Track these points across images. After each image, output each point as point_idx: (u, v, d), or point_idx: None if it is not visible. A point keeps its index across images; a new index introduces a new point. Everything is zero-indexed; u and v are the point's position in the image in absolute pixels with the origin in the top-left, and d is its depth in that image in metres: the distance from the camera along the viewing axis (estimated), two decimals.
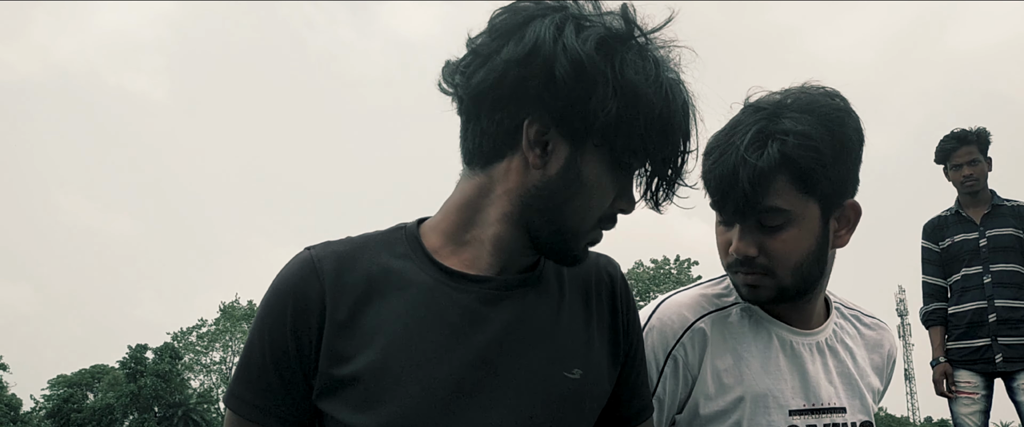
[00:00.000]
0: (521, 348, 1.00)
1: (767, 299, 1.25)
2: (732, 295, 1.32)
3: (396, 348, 0.96)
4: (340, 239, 1.05)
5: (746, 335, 1.29)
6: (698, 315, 1.29)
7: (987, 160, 4.09)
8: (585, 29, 0.93)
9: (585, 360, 1.04)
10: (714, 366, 1.26)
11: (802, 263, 1.21)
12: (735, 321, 1.30)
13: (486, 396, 0.96)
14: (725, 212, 1.22)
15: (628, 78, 0.92)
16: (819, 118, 1.16)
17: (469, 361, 0.97)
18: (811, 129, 1.15)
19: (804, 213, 1.18)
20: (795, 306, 1.29)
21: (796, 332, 1.31)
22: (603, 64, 0.92)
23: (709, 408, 1.25)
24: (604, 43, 0.93)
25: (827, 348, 1.33)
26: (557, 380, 1.01)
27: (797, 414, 1.26)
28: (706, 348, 1.27)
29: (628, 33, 0.95)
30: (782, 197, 1.16)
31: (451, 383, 0.96)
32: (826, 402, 1.29)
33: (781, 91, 1.22)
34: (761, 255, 1.20)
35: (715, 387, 1.25)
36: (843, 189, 1.21)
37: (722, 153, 1.18)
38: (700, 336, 1.27)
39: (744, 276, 1.24)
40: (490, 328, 0.99)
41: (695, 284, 1.37)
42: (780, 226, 1.18)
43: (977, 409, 4.03)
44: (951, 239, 4.16)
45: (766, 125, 1.16)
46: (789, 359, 1.29)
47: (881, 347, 1.41)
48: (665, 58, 0.99)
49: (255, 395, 1.00)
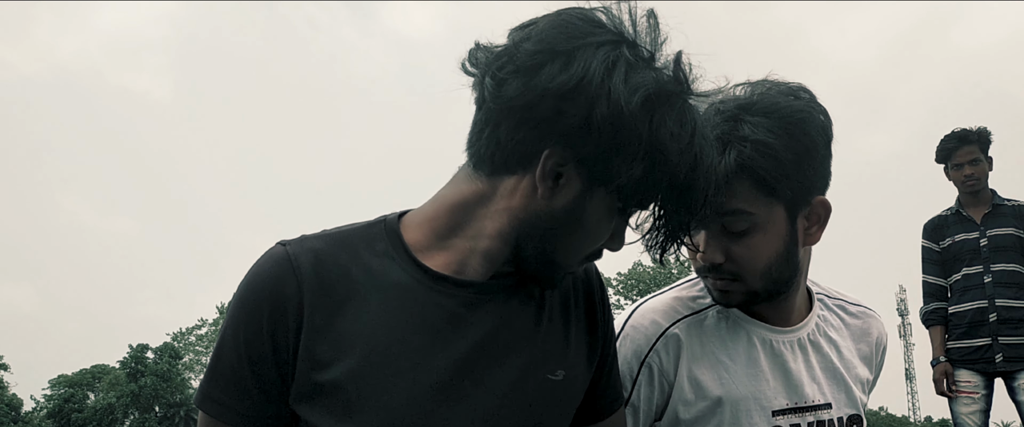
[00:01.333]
0: (504, 353, 0.98)
1: (738, 303, 1.24)
2: (708, 297, 1.30)
3: (377, 355, 0.93)
4: (316, 234, 1.01)
5: (723, 338, 1.27)
6: (672, 320, 1.27)
7: (988, 160, 4.09)
8: (635, 76, 0.89)
9: (566, 360, 1.04)
10: (690, 371, 1.24)
11: (771, 266, 1.19)
12: (712, 324, 1.28)
13: (470, 403, 0.95)
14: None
15: (661, 141, 0.89)
16: (779, 121, 1.13)
17: (452, 367, 0.95)
18: (769, 135, 1.12)
19: (769, 216, 1.16)
20: (773, 304, 1.28)
21: (776, 330, 1.29)
22: (642, 122, 0.88)
23: (688, 414, 1.24)
24: (649, 100, 0.89)
25: (809, 343, 1.31)
26: (540, 382, 1.00)
27: (780, 414, 1.25)
28: (681, 354, 1.25)
29: (676, 91, 0.91)
30: (745, 200, 1.14)
31: (434, 390, 0.94)
32: (810, 400, 1.28)
33: (745, 87, 1.19)
34: (728, 261, 1.18)
35: (693, 393, 1.24)
36: (809, 188, 1.18)
37: None
38: (674, 342, 1.25)
39: (714, 281, 1.23)
40: (473, 333, 0.97)
41: (671, 287, 1.35)
42: (745, 231, 1.16)
43: (977, 409, 4.03)
44: (952, 239, 4.15)
45: (725, 131, 1.14)
46: (770, 359, 1.27)
47: (868, 335, 1.39)
48: (703, 117, 0.98)
49: (230, 397, 0.96)
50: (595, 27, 0.91)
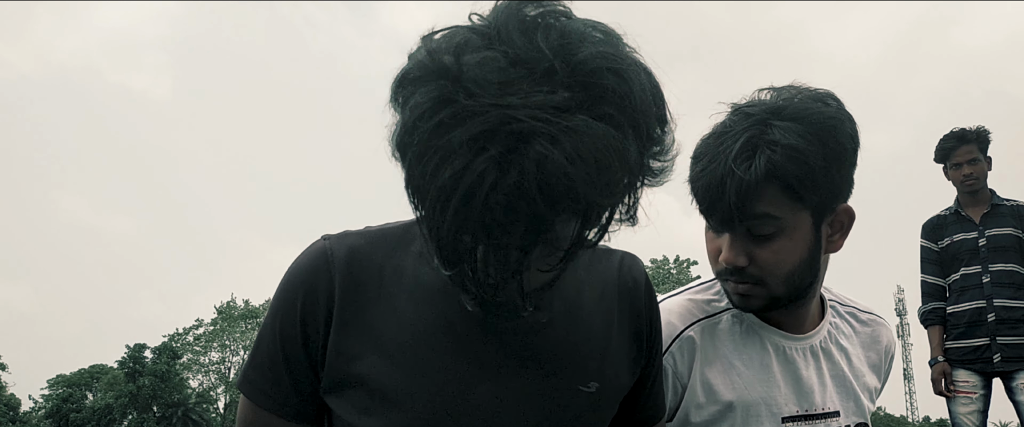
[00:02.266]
0: (534, 361, 0.96)
1: (758, 308, 1.23)
2: (723, 300, 1.29)
3: (402, 354, 0.94)
4: (358, 230, 1.02)
5: (737, 342, 1.27)
6: (687, 323, 1.26)
7: (987, 159, 4.10)
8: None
9: (601, 372, 1.00)
10: (703, 375, 1.24)
11: (794, 272, 1.18)
12: (726, 328, 1.28)
13: (493, 409, 0.94)
14: (713, 221, 1.19)
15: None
16: (809, 126, 1.12)
17: (477, 372, 0.95)
18: (800, 140, 1.11)
19: (795, 221, 1.15)
20: (788, 311, 1.27)
21: (789, 337, 1.29)
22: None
23: (699, 417, 1.23)
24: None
25: (821, 351, 1.31)
26: (572, 394, 0.97)
27: (790, 421, 1.25)
28: (695, 356, 1.24)
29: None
30: (772, 205, 1.13)
31: (457, 394, 0.94)
32: (819, 407, 1.28)
33: (771, 91, 1.18)
34: (752, 265, 1.17)
35: (705, 396, 1.24)
36: (835, 195, 1.17)
37: (710, 161, 1.14)
38: (689, 344, 1.25)
39: (735, 285, 1.21)
40: (502, 340, 0.96)
41: (685, 288, 1.35)
42: (771, 235, 1.15)
43: (975, 409, 4.03)
44: (950, 238, 4.15)
45: (755, 134, 1.12)
46: (782, 365, 1.27)
47: (878, 343, 1.39)
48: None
49: (266, 382, 0.99)
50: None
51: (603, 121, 0.72)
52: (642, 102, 0.75)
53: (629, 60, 0.77)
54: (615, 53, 0.76)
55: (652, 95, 0.77)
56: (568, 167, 0.70)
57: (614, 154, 0.73)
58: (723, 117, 1.19)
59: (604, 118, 0.73)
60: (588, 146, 0.71)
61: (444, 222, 0.73)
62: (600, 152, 0.72)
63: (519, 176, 0.70)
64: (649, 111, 0.76)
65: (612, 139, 0.73)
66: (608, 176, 0.73)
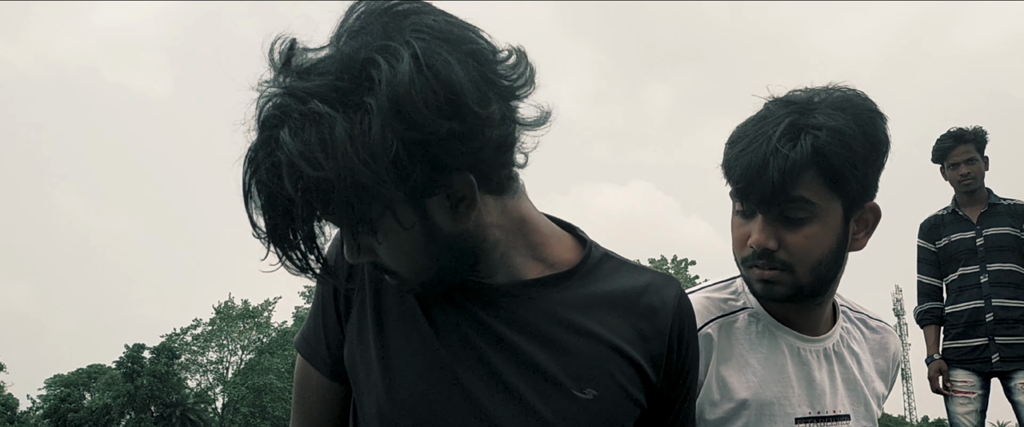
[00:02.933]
0: (524, 359, 0.95)
1: (782, 296, 1.22)
2: (740, 299, 1.30)
3: (392, 339, 0.98)
4: None
5: (753, 341, 1.28)
6: (705, 320, 1.27)
7: (984, 159, 4.10)
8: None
9: (600, 381, 0.97)
10: (719, 372, 1.25)
11: (821, 261, 1.19)
12: (742, 327, 1.28)
13: (479, 405, 0.94)
14: (749, 201, 1.18)
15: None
16: (853, 116, 1.14)
17: (462, 366, 0.95)
18: (845, 126, 1.13)
19: (828, 210, 1.16)
20: (805, 310, 1.28)
21: (804, 339, 1.29)
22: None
23: (713, 414, 1.24)
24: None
25: (834, 354, 1.32)
26: (565, 398, 0.95)
27: (802, 422, 1.26)
28: (712, 354, 1.25)
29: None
30: (810, 189, 1.14)
31: (443, 386, 0.94)
32: (831, 410, 1.29)
33: (805, 91, 1.20)
34: (781, 250, 1.18)
35: (720, 393, 1.25)
36: (867, 190, 1.19)
37: (751, 142, 1.15)
38: (706, 342, 1.25)
39: (760, 271, 1.21)
40: (491, 334, 0.96)
41: (702, 286, 1.35)
42: (803, 220, 1.16)
43: (973, 409, 4.03)
44: (948, 238, 4.16)
45: (798, 118, 1.14)
46: (796, 366, 1.28)
47: (886, 350, 1.40)
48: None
49: (308, 330, 1.06)
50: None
51: (352, 110, 0.77)
52: (405, 93, 0.77)
53: (397, 51, 0.78)
54: (384, 44, 0.79)
55: (428, 86, 0.78)
56: (296, 156, 0.76)
57: (353, 142, 0.76)
58: (753, 110, 1.21)
59: (353, 107, 0.77)
60: (320, 134, 0.76)
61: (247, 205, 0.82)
62: (327, 141, 0.76)
63: (267, 164, 0.79)
64: (416, 100, 0.77)
65: (354, 127, 0.77)
66: (345, 163, 0.76)
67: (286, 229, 0.82)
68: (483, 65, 0.83)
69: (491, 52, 0.85)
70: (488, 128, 0.82)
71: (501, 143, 0.86)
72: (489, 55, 0.84)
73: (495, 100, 0.83)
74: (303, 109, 0.78)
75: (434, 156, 0.81)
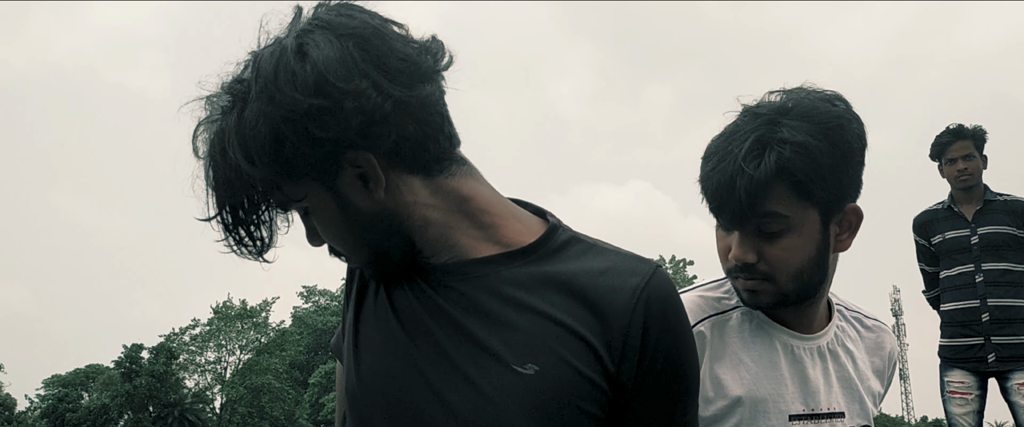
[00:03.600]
0: (470, 336, 0.95)
1: (768, 305, 1.25)
2: (733, 298, 1.31)
3: (366, 328, 1.03)
4: None
5: (746, 339, 1.29)
6: (698, 318, 1.28)
7: (983, 157, 4.08)
8: None
9: (542, 357, 0.93)
10: (713, 370, 1.26)
11: (803, 269, 1.21)
12: (736, 325, 1.30)
13: (431, 381, 0.96)
14: (722, 219, 1.22)
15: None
16: (818, 125, 1.15)
17: (417, 346, 0.98)
18: (809, 138, 1.14)
19: (803, 219, 1.18)
20: (797, 310, 1.29)
21: (797, 337, 1.30)
22: None
23: (707, 411, 1.25)
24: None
25: (828, 352, 1.33)
26: (505, 373, 0.93)
27: (796, 419, 1.27)
28: (705, 351, 1.26)
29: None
30: (781, 204, 1.16)
31: (401, 365, 0.98)
32: (825, 407, 1.30)
33: (780, 93, 1.21)
34: (761, 262, 1.20)
35: (714, 390, 1.25)
36: (843, 195, 1.20)
37: (720, 160, 1.17)
38: (699, 340, 1.26)
39: (744, 282, 1.24)
40: (440, 313, 0.98)
41: (696, 286, 1.36)
42: (779, 233, 1.18)
43: (971, 409, 4.03)
44: (942, 236, 4.13)
45: (764, 133, 1.15)
46: (790, 364, 1.29)
47: (882, 349, 1.41)
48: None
49: (338, 331, 1.13)
50: None
51: (240, 104, 0.92)
52: (271, 77, 0.89)
53: (281, 42, 0.91)
54: (276, 39, 0.93)
55: (292, 68, 0.88)
56: (207, 156, 0.97)
57: (236, 131, 0.91)
58: (734, 118, 1.22)
59: (240, 101, 0.92)
60: (218, 133, 0.95)
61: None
62: (218, 138, 0.95)
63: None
64: (281, 82, 0.88)
65: (235, 118, 0.91)
66: (231, 152, 0.93)
67: (220, 212, 0.99)
68: (365, 46, 0.89)
69: (382, 36, 0.91)
70: (355, 101, 0.87)
71: (383, 119, 0.89)
72: (376, 40, 0.90)
73: (370, 76, 0.88)
74: (214, 116, 0.96)
75: (308, 132, 0.88)
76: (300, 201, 0.95)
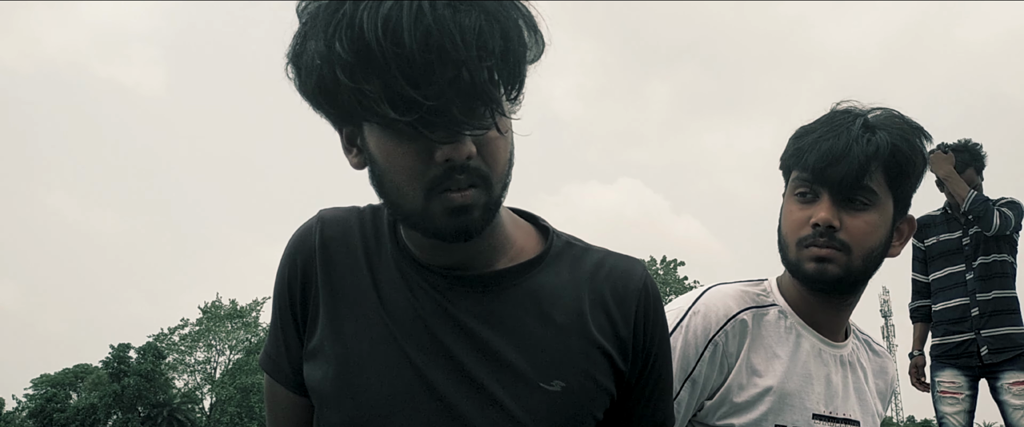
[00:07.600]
0: (495, 356, 0.93)
1: (832, 277, 1.28)
2: (770, 297, 1.38)
3: (358, 340, 0.95)
4: (361, 206, 1.05)
5: (780, 335, 1.35)
6: (742, 307, 1.34)
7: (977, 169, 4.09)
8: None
9: (568, 372, 0.94)
10: (750, 358, 1.32)
11: (874, 250, 1.28)
12: (772, 320, 1.36)
13: (447, 402, 0.92)
14: (825, 183, 1.26)
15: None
16: (909, 129, 1.28)
17: (437, 364, 0.93)
18: (906, 135, 1.27)
19: (885, 205, 1.28)
20: (832, 310, 1.35)
21: (826, 342, 1.37)
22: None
23: (739, 397, 1.30)
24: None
25: (848, 363, 1.40)
26: (534, 392, 0.93)
27: (818, 419, 1.33)
28: (746, 339, 1.32)
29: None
30: (875, 182, 1.26)
31: (407, 381, 0.93)
32: (844, 414, 1.36)
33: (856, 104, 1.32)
34: (842, 230, 1.26)
35: (748, 378, 1.31)
36: (910, 199, 1.32)
37: (830, 131, 1.27)
38: (742, 327, 1.32)
39: (818, 250, 1.27)
40: (455, 326, 0.94)
41: (736, 281, 1.42)
42: (866, 206, 1.26)
43: (961, 409, 4.05)
44: (935, 238, 4.20)
45: (869, 121, 1.27)
46: (817, 366, 1.35)
47: (886, 374, 1.49)
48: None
49: (270, 346, 1.05)
50: None
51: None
52: None
53: None
54: None
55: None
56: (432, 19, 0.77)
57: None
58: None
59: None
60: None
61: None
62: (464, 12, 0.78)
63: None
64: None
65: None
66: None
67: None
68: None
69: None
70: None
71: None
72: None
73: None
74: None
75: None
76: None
